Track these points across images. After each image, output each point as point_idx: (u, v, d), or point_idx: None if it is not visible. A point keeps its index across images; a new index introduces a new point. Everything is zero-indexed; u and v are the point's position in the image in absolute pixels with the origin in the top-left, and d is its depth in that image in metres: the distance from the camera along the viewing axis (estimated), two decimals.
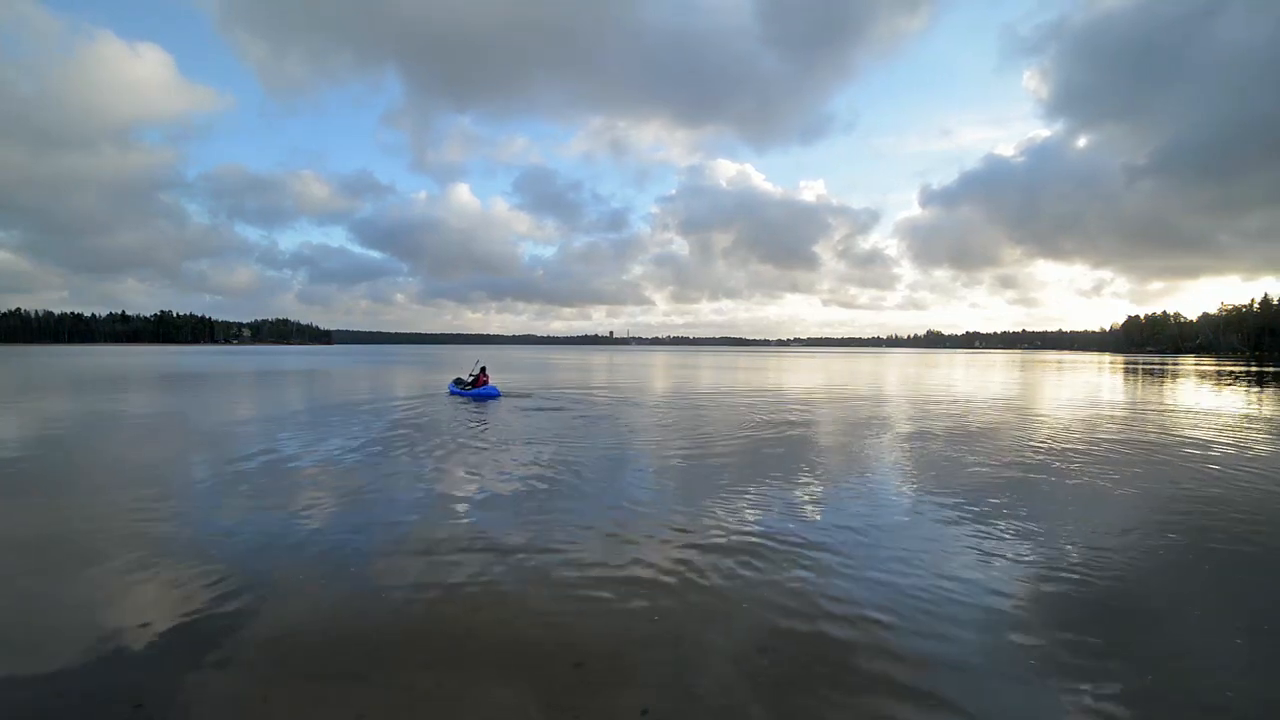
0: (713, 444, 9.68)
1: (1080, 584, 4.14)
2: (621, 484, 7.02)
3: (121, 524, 5.35)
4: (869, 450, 9.30)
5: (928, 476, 7.47)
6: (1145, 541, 5.04)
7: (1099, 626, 3.53)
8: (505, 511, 5.79)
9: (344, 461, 8.07)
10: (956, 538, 5.09)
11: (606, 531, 5.23)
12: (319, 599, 3.88)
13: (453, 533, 5.16)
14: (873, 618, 3.62)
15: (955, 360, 65.60)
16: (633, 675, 3.03)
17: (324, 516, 5.60)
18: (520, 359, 57.62)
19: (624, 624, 3.55)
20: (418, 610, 3.72)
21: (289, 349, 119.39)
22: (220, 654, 3.20)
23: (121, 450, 9.08)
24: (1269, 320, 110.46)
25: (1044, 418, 13.53)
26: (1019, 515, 5.74)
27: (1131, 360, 71.71)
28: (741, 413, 13.98)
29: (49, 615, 3.67)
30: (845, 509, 5.98)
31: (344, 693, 2.88)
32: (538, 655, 3.21)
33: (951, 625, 3.53)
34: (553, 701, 2.82)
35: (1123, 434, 11.01)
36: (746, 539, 5.03)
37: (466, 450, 8.93)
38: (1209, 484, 7.05)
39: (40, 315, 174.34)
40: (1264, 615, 3.71)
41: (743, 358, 70.38)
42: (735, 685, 2.94)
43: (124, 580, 4.15)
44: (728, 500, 6.24)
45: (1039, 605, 3.83)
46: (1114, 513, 5.90)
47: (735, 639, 3.38)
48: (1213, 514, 5.81)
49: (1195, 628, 3.56)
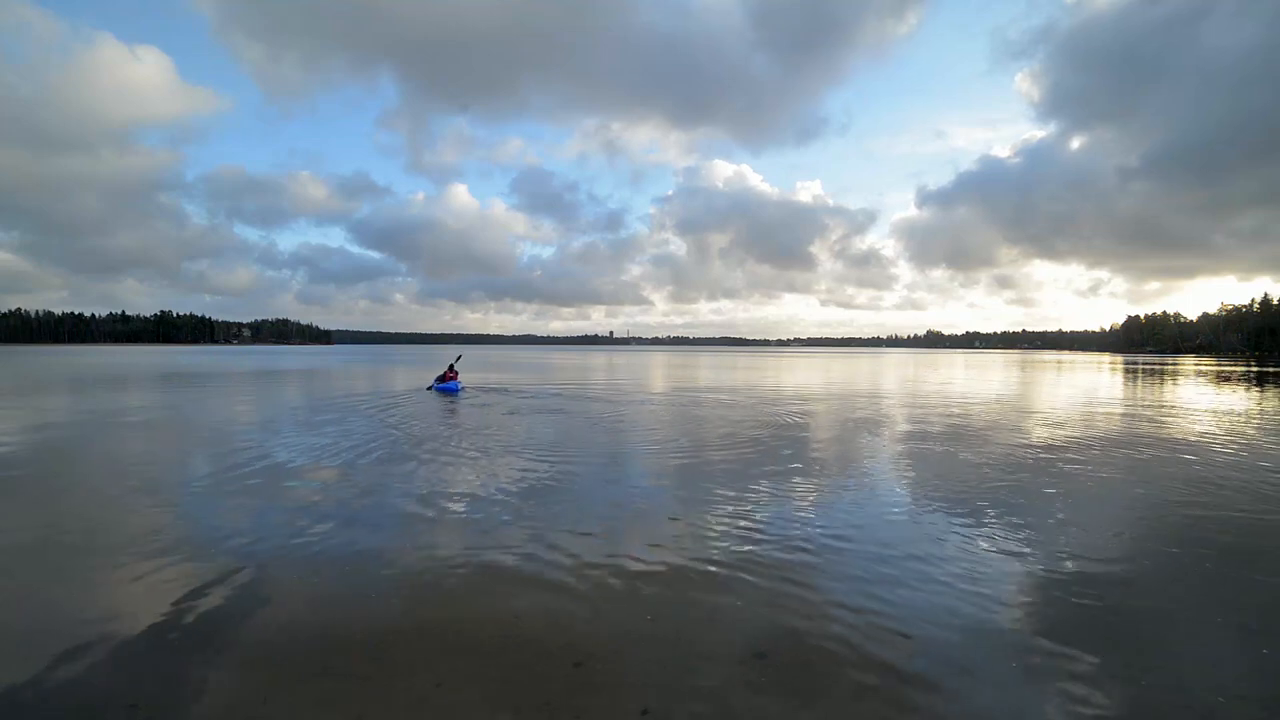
0: (713, 443, 9.67)
1: (1078, 586, 4.12)
2: (621, 483, 7.01)
3: (117, 523, 5.34)
4: (869, 451, 9.30)
5: (926, 477, 7.47)
6: (1142, 541, 5.03)
7: (1097, 628, 3.52)
8: (504, 511, 5.78)
9: (341, 460, 8.06)
10: (955, 539, 5.08)
11: (605, 531, 5.22)
12: (317, 599, 3.86)
13: (451, 532, 5.15)
14: (871, 618, 3.61)
15: (955, 360, 65.63)
16: (632, 675, 3.02)
17: (321, 515, 5.59)
18: (520, 359, 57.66)
19: (623, 624, 3.54)
20: (417, 610, 3.71)
21: (288, 349, 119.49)
22: (219, 654, 3.19)
23: (118, 449, 9.07)
24: (1269, 320, 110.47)
25: (1043, 418, 13.52)
26: (1016, 516, 5.73)
27: (1131, 360, 71.73)
28: (742, 412, 13.97)
29: (45, 615, 3.65)
30: (844, 509, 5.97)
31: (344, 693, 2.87)
32: (537, 655, 3.20)
33: (949, 626, 3.52)
34: (552, 701, 2.81)
35: (1121, 434, 11.00)
36: (745, 540, 5.02)
37: (465, 449, 8.92)
38: (1207, 484, 7.03)
39: (40, 315, 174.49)
40: (1261, 616, 3.70)
41: (743, 358, 70.43)
42: (734, 686, 2.93)
43: (122, 580, 4.14)
44: (727, 500, 6.23)
45: (1036, 606, 3.82)
46: (1111, 513, 5.89)
47: (734, 640, 3.37)
48: (1210, 514, 5.80)
49: (1192, 629, 3.55)
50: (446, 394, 17.72)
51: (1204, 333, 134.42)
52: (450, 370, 19.41)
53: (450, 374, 19.17)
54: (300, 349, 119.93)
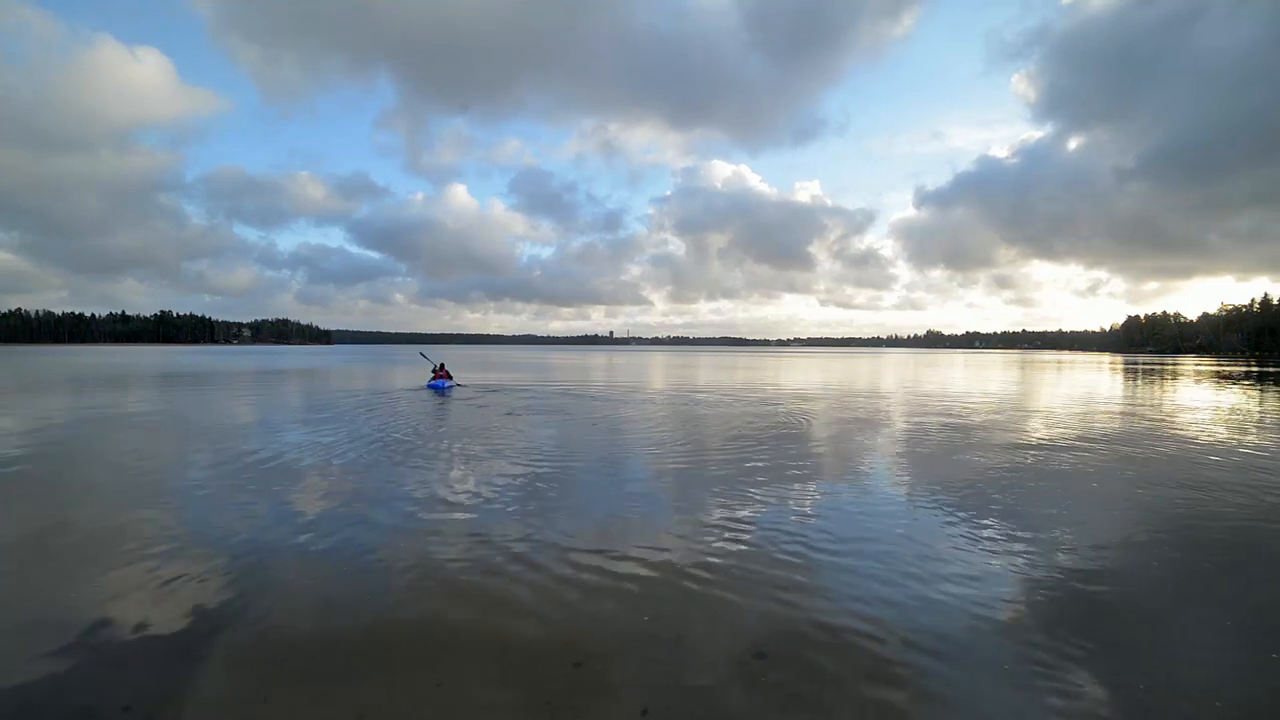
0: (713, 443, 9.67)
1: (1076, 585, 4.13)
2: (620, 483, 7.02)
3: (116, 522, 5.33)
4: (868, 450, 9.30)
5: (926, 477, 7.47)
6: (1140, 541, 5.03)
7: (1095, 629, 3.53)
8: (504, 510, 5.79)
9: (341, 459, 8.07)
10: (954, 539, 5.09)
11: (605, 531, 5.23)
12: (317, 598, 3.87)
13: (451, 532, 5.16)
14: (869, 619, 3.61)
15: (954, 360, 65.60)
16: (632, 675, 3.02)
17: (321, 515, 5.59)
18: (520, 359, 57.66)
19: (623, 624, 3.55)
20: (417, 610, 3.72)
21: (288, 349, 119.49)
22: (219, 654, 3.19)
23: (117, 448, 9.07)
24: (1269, 320, 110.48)
25: (1041, 418, 13.52)
26: (1015, 516, 5.73)
27: (1131, 360, 71.72)
28: (742, 412, 13.97)
29: (44, 614, 3.65)
30: (844, 509, 5.98)
31: (344, 693, 2.87)
32: (537, 655, 3.21)
33: (947, 626, 3.53)
34: (552, 701, 2.81)
35: (1120, 434, 11.00)
36: (745, 540, 5.02)
37: (466, 450, 8.92)
38: (1205, 483, 7.04)
39: (41, 315, 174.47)
40: (1261, 617, 3.70)
41: (743, 358, 70.41)
42: (734, 686, 2.94)
43: (121, 579, 4.14)
44: (727, 500, 6.23)
45: (1035, 606, 3.82)
46: (1110, 513, 5.90)
47: (734, 639, 3.37)
48: (1209, 514, 5.81)
49: (1189, 629, 3.56)
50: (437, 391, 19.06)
51: (1204, 333, 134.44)
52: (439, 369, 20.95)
53: (440, 372, 20.67)
54: (300, 349, 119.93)
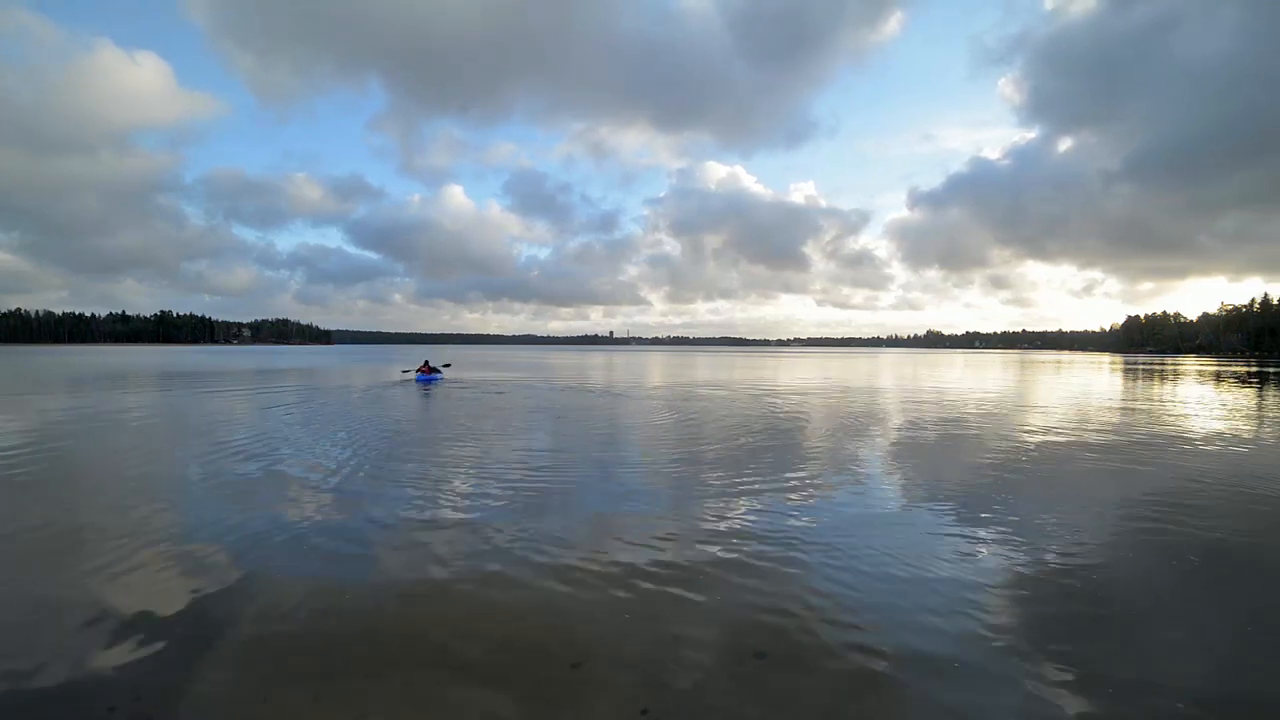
0: (712, 443, 9.68)
1: (1071, 586, 4.14)
2: (620, 483, 7.02)
3: (116, 521, 5.34)
4: (867, 451, 9.31)
5: (922, 477, 7.48)
6: (1134, 542, 5.04)
7: (1090, 629, 3.54)
8: (504, 510, 5.79)
9: (341, 459, 8.07)
10: (952, 538, 5.09)
11: (604, 532, 5.23)
12: (318, 598, 3.87)
13: (450, 532, 5.16)
14: (868, 618, 3.62)
15: (954, 360, 65.61)
16: (632, 675, 3.03)
17: (320, 515, 5.60)
18: (519, 359, 57.65)
19: (622, 624, 3.55)
20: (417, 610, 3.73)
21: (288, 349, 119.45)
22: (220, 653, 3.20)
23: (117, 447, 9.07)
24: (1269, 320, 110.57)
25: (1040, 418, 13.53)
26: (1012, 516, 5.74)
27: (1131, 360, 71.72)
28: (742, 412, 13.98)
29: (41, 614, 3.66)
30: (842, 510, 5.98)
31: (344, 693, 2.88)
32: (537, 655, 3.21)
33: (943, 626, 3.54)
34: (552, 701, 2.82)
35: (1117, 434, 11.01)
36: (743, 540, 5.03)
37: (466, 450, 8.93)
38: (1204, 483, 7.04)
39: (41, 315, 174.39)
40: (1250, 616, 3.71)
41: (743, 358, 70.42)
42: (733, 685, 2.94)
43: (121, 578, 4.14)
44: (727, 501, 6.24)
45: (1032, 607, 3.83)
46: (1105, 513, 5.90)
47: (733, 640, 3.38)
48: (1206, 513, 5.81)
49: (1183, 629, 3.56)
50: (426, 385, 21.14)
51: (1204, 333, 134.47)
52: (426, 365, 23.42)
53: (425, 368, 23.12)
54: (300, 349, 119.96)
